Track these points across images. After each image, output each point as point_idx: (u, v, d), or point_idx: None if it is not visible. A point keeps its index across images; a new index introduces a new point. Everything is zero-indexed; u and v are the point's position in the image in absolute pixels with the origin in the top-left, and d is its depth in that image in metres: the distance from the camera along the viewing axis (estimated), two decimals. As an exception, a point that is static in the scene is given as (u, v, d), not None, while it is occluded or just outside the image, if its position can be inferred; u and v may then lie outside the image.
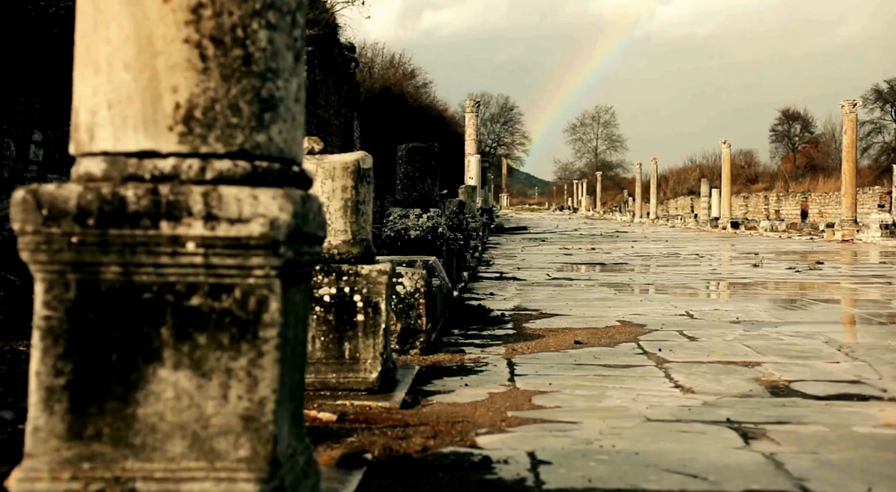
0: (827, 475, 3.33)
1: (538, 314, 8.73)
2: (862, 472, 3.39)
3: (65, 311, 2.03)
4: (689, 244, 27.02)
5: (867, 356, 6.16)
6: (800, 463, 3.49)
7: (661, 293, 11.21)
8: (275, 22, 2.14)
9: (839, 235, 30.56)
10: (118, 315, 2.03)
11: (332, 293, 4.70)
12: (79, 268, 2.03)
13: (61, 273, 2.03)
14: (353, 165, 4.84)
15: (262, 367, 2.06)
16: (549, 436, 3.92)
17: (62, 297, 2.03)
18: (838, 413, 4.41)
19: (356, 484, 3.03)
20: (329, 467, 3.17)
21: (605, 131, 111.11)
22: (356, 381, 4.65)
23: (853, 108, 32.00)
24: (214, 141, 2.09)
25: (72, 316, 2.03)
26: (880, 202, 41.49)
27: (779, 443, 3.81)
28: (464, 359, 6.03)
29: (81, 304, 2.03)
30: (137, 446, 2.04)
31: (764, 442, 3.82)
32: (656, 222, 54.91)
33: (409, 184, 10.49)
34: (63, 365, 2.03)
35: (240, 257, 2.05)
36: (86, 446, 2.03)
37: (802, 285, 12.57)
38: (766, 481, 3.26)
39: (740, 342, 6.82)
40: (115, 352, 2.03)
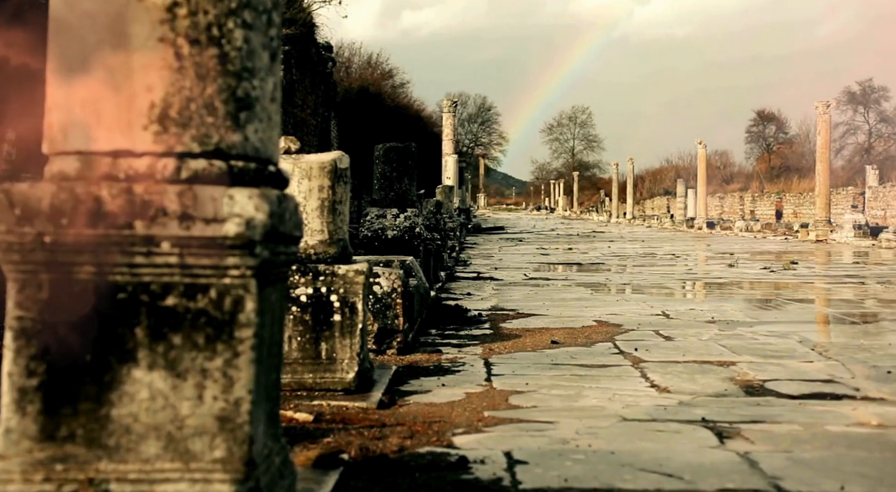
0: (800, 474, 3.36)
1: (515, 314, 8.75)
2: (835, 470, 3.42)
3: (38, 311, 2.01)
4: (665, 244, 27.15)
5: (840, 356, 6.22)
6: (774, 462, 3.52)
7: (638, 293, 11.26)
8: (250, 21, 2.13)
9: (813, 236, 30.82)
10: (92, 315, 2.02)
11: (308, 293, 4.69)
12: (52, 268, 2.01)
13: (34, 273, 2.01)
14: (329, 164, 4.83)
15: (238, 367, 2.05)
16: (525, 436, 3.93)
17: (35, 297, 2.02)
18: (812, 412, 4.45)
19: (332, 485, 3.03)
20: (305, 468, 3.16)
21: (581, 132, 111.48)
22: (333, 381, 4.64)
23: (827, 110, 32.28)
24: (190, 140, 2.08)
25: (45, 316, 2.01)
26: (854, 203, 41.88)
27: (753, 442, 3.84)
28: (441, 359, 6.03)
29: (55, 304, 2.01)
30: (111, 447, 2.02)
31: (738, 441, 3.85)
32: (633, 222, 55.14)
33: (386, 184, 10.49)
34: (36, 366, 2.01)
35: (215, 257, 2.04)
36: (59, 448, 2.02)
37: (777, 285, 12.67)
38: (740, 479, 3.29)
39: (715, 342, 6.86)
40: (89, 352, 2.02)
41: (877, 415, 4.38)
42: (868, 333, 7.51)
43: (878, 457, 3.64)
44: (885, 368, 5.70)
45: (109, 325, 2.02)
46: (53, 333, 2.01)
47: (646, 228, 47.87)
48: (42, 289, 2.02)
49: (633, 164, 61.64)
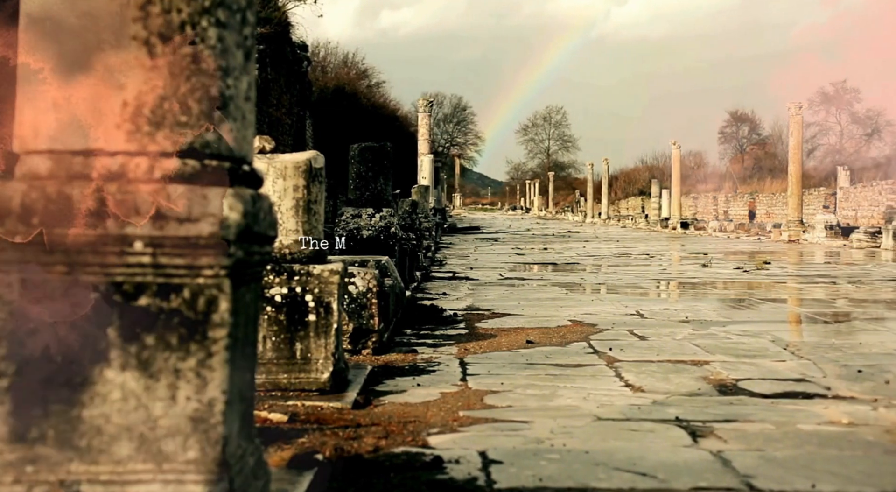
0: (772, 472, 3.39)
1: (490, 314, 8.76)
2: (806, 468, 3.45)
3: (8, 312, 1.99)
4: (640, 244, 27.29)
5: (812, 355, 6.28)
6: (746, 460, 3.54)
7: (613, 293, 11.31)
8: (224, 20, 2.12)
9: (786, 236, 31.08)
10: (63, 315, 2.00)
11: (283, 293, 4.67)
12: (22, 268, 1.99)
13: (5, 273, 1.99)
14: (304, 164, 4.82)
15: (212, 368, 2.04)
16: (500, 435, 3.93)
17: (5, 297, 2.00)
18: (784, 411, 4.49)
19: (307, 485, 3.02)
20: (280, 468, 3.15)
21: (556, 132, 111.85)
22: (308, 381, 4.63)
23: (799, 111, 32.56)
24: (163, 139, 2.06)
25: (15, 317, 1.99)
26: (825, 203, 42.29)
27: (726, 441, 3.87)
28: (416, 359, 6.03)
29: (25, 304, 1.99)
30: (83, 448, 2.00)
31: (711, 440, 3.88)
32: (608, 222, 55.38)
33: (361, 183, 10.47)
34: (6, 367, 1.99)
35: (189, 257, 2.02)
36: (29, 449, 2.00)
37: (750, 285, 12.77)
38: (713, 478, 3.31)
39: (689, 341, 6.91)
40: (60, 353, 2.00)
41: (847, 414, 4.42)
42: (839, 333, 7.59)
43: (849, 455, 3.68)
44: (856, 367, 5.76)
45: (81, 325, 2.00)
46: (24, 334, 1.99)
47: (620, 228, 48.09)
48: (12, 289, 2.00)
49: (608, 164, 61.90)
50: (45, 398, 2.00)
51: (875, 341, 6.99)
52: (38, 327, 2.00)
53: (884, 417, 4.38)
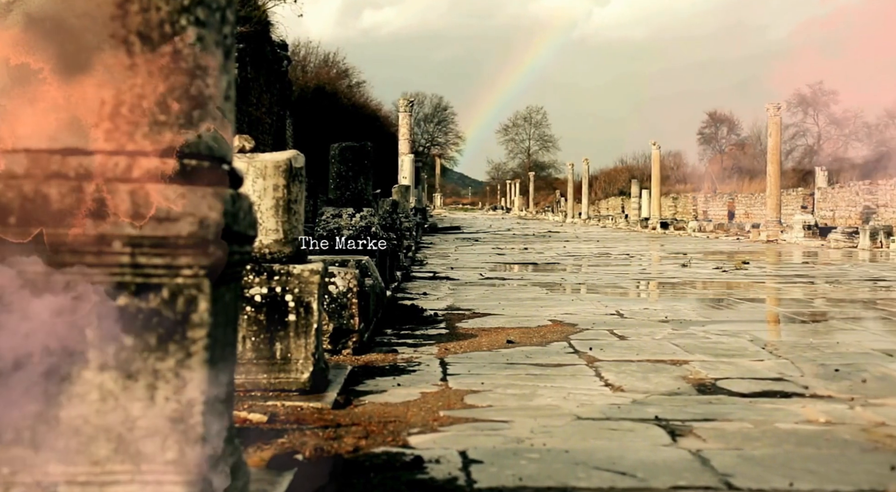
0: (751, 471, 3.41)
1: (471, 314, 8.77)
2: (784, 467, 3.48)
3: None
4: (620, 244, 27.38)
5: (790, 354, 6.32)
6: (725, 459, 3.57)
7: (593, 293, 11.35)
8: (204, 18, 2.11)
9: (764, 236, 31.28)
10: (41, 315, 1.99)
11: (263, 293, 4.66)
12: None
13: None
14: (284, 163, 4.81)
15: (191, 368, 2.03)
16: (480, 435, 3.94)
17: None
18: (762, 410, 4.52)
19: (286, 485, 3.01)
20: (259, 469, 3.14)
21: (537, 132, 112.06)
22: (287, 381, 4.62)
23: (777, 112, 32.76)
24: (142, 139, 2.05)
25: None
26: (803, 203, 42.59)
27: (705, 440, 3.89)
28: (396, 359, 6.03)
29: (2, 304, 1.98)
30: (60, 449, 1.99)
31: (690, 439, 3.90)
32: (588, 223, 55.54)
33: (342, 183, 10.45)
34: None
35: (168, 257, 2.01)
36: (6, 450, 1.98)
37: (729, 285, 12.84)
38: (692, 477, 3.33)
39: (669, 341, 6.94)
40: (37, 353, 1.99)
41: (825, 412, 4.46)
42: (817, 332, 7.64)
43: (826, 454, 3.71)
44: (833, 366, 5.80)
45: (59, 325, 1.99)
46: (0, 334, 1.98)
47: (600, 228, 48.25)
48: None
49: (589, 164, 62.11)
50: (21, 399, 1.99)
51: (852, 341, 7.05)
52: (15, 327, 1.98)
53: (860, 416, 4.42)
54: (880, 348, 6.62)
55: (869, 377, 5.43)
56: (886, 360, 6.09)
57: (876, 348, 6.62)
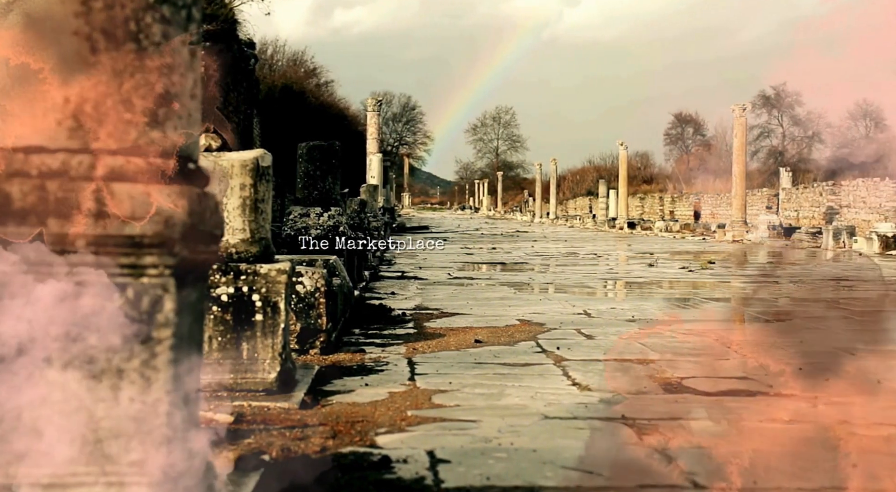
0: (716, 469, 3.44)
1: (439, 313, 8.77)
2: (748, 465, 3.51)
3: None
4: (588, 244, 27.51)
5: (755, 353, 6.38)
6: (690, 458, 3.59)
7: (560, 292, 11.39)
8: (169, 16, 2.10)
9: (730, 236, 31.56)
10: (4, 314, 1.96)
11: (229, 293, 4.63)
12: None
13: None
14: (251, 162, 4.78)
15: (156, 368, 2.01)
16: (448, 435, 3.94)
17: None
18: (727, 409, 4.56)
19: (252, 486, 2.99)
20: (225, 470, 3.12)
21: (505, 132, 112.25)
22: (254, 381, 4.59)
23: (743, 113, 33.05)
24: (106, 137, 2.03)
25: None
26: (768, 204, 43.00)
27: (671, 438, 3.92)
28: (364, 359, 6.02)
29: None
30: (23, 450, 1.97)
31: (656, 437, 3.92)
32: (556, 222, 55.74)
33: (309, 182, 10.42)
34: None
35: (133, 256, 1.99)
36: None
37: (695, 284, 12.95)
38: (658, 475, 3.35)
39: (635, 340, 6.98)
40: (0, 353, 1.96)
41: (789, 411, 4.51)
42: (781, 332, 7.73)
43: (790, 452, 3.75)
44: (797, 365, 5.87)
45: (21, 325, 1.96)
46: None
47: (568, 227, 48.45)
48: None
49: (557, 164, 62.32)
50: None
51: (816, 340, 7.13)
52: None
53: (823, 414, 4.47)
54: (843, 347, 6.70)
55: (832, 376, 5.49)
56: (849, 359, 6.18)
57: (839, 347, 6.70)
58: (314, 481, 3.19)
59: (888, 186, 33.81)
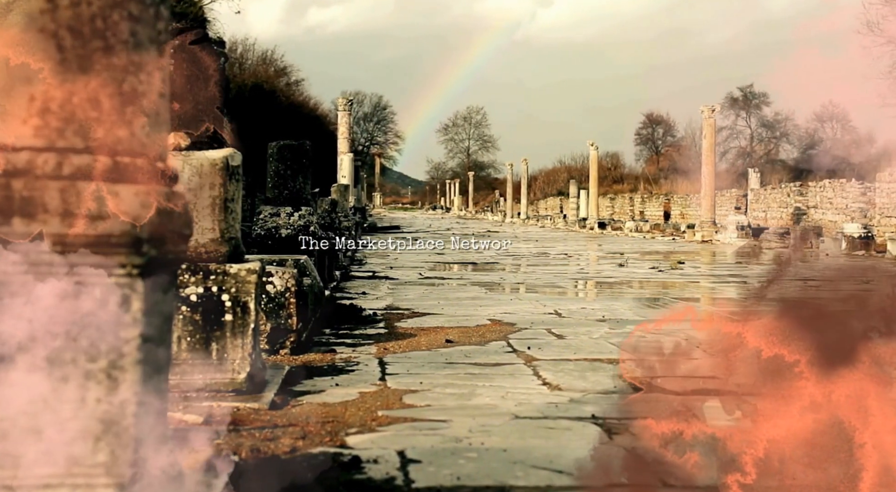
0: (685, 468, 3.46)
1: (410, 313, 8.76)
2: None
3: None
4: (559, 244, 27.61)
5: (724, 353, 6.43)
6: (658, 456, 3.61)
7: (531, 292, 11.42)
8: (137, 14, 2.08)
9: (699, 236, 31.79)
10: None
11: (199, 293, 4.60)
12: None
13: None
14: (221, 161, 4.75)
15: (123, 369, 2.00)
16: (419, 435, 3.94)
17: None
18: (695, 408, 4.58)
19: (221, 487, 2.97)
20: (194, 471, 3.10)
21: (476, 132, 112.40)
22: (224, 382, 4.56)
23: (712, 114, 33.29)
24: (72, 135, 2.01)
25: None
26: (737, 204, 43.33)
27: (640, 437, 3.94)
28: (335, 359, 6.00)
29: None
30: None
31: (626, 436, 3.95)
32: (527, 222, 55.88)
33: (280, 182, 10.37)
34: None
35: (100, 256, 1.98)
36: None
37: (665, 284, 13.03)
38: (627, 474, 3.37)
39: (606, 340, 7.02)
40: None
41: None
42: (749, 332, 7.78)
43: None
44: (765, 365, 5.92)
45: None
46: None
47: (539, 227, 48.58)
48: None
49: (528, 164, 62.48)
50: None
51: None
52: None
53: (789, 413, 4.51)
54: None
55: (801, 377, 5.54)
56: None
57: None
58: (284, 482, 3.17)
59: (854, 187, 34.23)
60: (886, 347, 3.02)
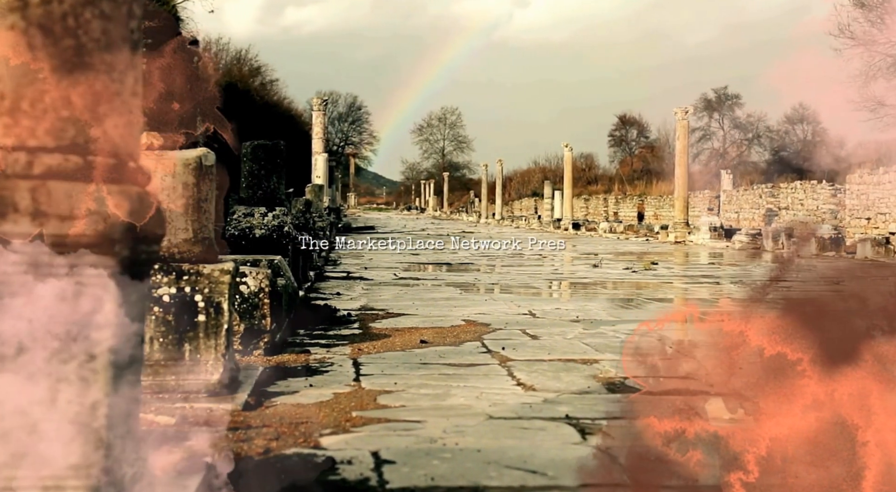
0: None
1: (385, 314, 8.75)
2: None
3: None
4: (533, 245, 27.66)
5: (697, 353, 6.47)
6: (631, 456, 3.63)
7: (506, 293, 11.44)
8: (109, 12, 2.06)
9: (672, 237, 31.98)
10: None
11: (171, 293, 4.57)
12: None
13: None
14: (194, 161, 4.72)
15: (95, 370, 1.98)
16: (393, 435, 3.94)
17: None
18: (670, 408, 4.61)
19: (194, 489, 2.96)
20: (166, 473, 3.08)
21: (451, 132, 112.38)
22: (197, 383, 4.53)
23: (685, 115, 33.49)
24: (44, 134, 1.99)
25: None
26: (710, 206, 43.66)
27: (614, 437, 3.96)
28: (309, 359, 5.98)
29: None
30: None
31: (600, 437, 3.96)
32: (502, 223, 55.96)
33: (254, 182, 10.32)
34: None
35: (71, 256, 1.96)
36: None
37: (638, 285, 13.10)
38: (601, 474, 3.38)
39: (580, 340, 7.04)
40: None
41: (729, 410, 4.58)
42: (721, 332, 7.84)
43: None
44: (738, 364, 5.96)
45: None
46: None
47: (514, 228, 48.67)
48: None
49: (503, 165, 62.59)
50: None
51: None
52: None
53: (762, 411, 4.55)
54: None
55: (772, 376, 5.59)
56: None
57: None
58: (257, 483, 3.16)
59: (825, 188, 34.56)
60: (889, 345, 3.05)
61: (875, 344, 3.10)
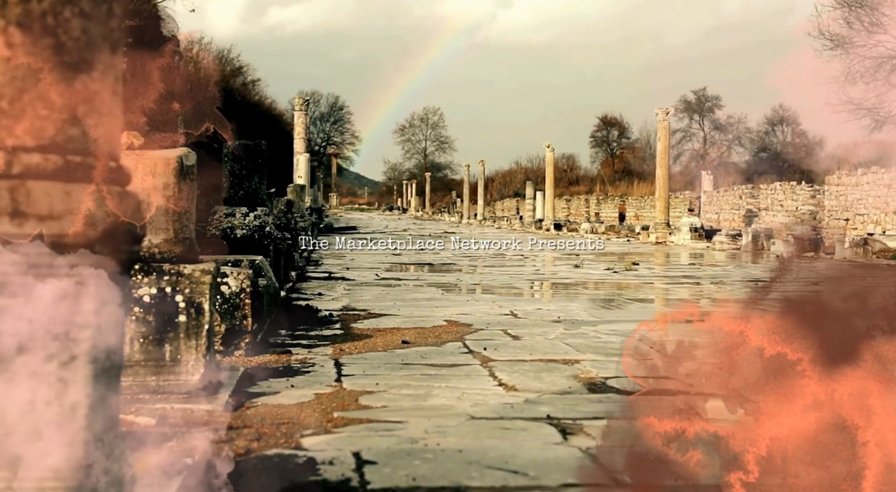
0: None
1: (366, 314, 8.74)
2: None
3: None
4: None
5: (677, 353, 6.50)
6: (614, 457, 3.64)
7: (488, 293, 11.45)
8: (89, 11, 2.05)
9: (653, 238, 32.10)
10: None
11: (152, 293, 4.55)
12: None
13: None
14: (175, 161, 4.70)
15: (74, 370, 1.97)
16: (374, 436, 3.93)
17: None
18: (651, 408, 4.63)
19: (175, 490, 2.94)
20: (147, 474, 3.06)
21: (433, 133, 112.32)
22: (177, 383, 4.51)
23: (666, 117, 33.61)
24: (23, 134, 1.98)
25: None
26: (690, 206, 43.87)
27: (594, 437, 3.97)
28: (290, 360, 5.97)
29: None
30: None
31: (581, 437, 3.98)
32: (484, 224, 55.99)
33: (235, 182, 10.29)
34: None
35: (52, 256, 1.95)
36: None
37: (619, 286, 13.14)
38: (582, 474, 3.39)
39: (561, 341, 7.06)
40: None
41: (708, 410, 4.60)
42: (702, 332, 7.88)
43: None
44: (718, 364, 5.99)
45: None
46: None
47: (496, 229, 48.71)
48: None
49: (484, 166, 62.61)
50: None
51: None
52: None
53: (737, 412, 4.57)
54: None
55: (752, 375, 5.62)
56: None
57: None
58: (238, 485, 3.15)
59: (804, 190, 34.80)
60: (889, 345, 3.07)
61: (875, 344, 3.12)
